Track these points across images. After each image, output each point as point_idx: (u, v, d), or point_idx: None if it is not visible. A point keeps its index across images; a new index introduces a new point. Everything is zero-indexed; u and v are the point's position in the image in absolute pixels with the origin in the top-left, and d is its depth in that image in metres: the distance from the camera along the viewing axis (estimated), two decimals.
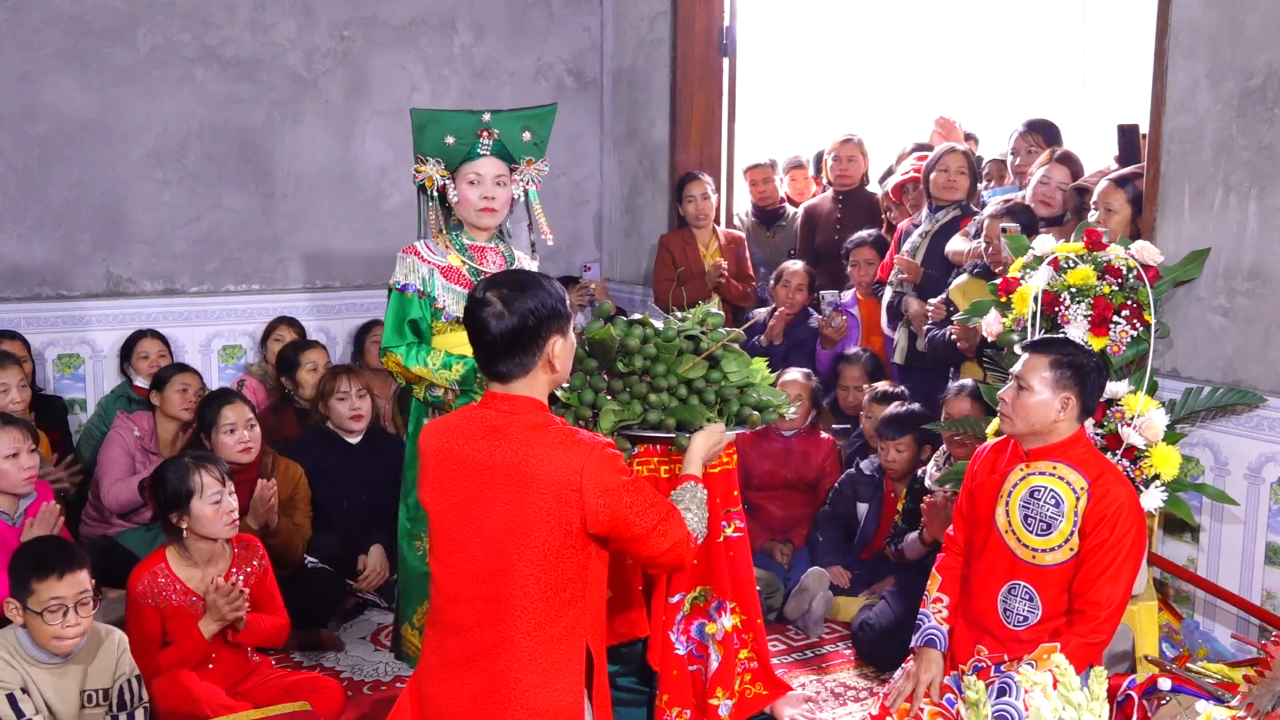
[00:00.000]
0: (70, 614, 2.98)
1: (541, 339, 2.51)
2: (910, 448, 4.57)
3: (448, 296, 3.65)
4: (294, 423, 5.05)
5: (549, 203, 6.56)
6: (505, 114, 3.72)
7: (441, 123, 3.63)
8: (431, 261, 3.65)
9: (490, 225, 3.74)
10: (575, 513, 2.44)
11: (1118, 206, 4.03)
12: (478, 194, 3.66)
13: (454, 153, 3.64)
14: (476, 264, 3.70)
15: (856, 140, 5.91)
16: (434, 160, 3.65)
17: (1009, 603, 3.15)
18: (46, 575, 2.97)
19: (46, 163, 5.40)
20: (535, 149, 3.78)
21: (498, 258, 3.76)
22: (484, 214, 3.69)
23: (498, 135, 3.68)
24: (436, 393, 3.60)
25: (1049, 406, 3.08)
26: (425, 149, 3.64)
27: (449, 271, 3.67)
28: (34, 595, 2.97)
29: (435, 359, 3.57)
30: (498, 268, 3.71)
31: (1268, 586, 3.72)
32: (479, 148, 3.65)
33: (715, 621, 3.42)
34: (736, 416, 3.24)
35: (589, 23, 6.60)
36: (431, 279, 3.64)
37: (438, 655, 2.57)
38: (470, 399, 3.56)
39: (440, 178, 3.65)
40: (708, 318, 3.38)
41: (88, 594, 3.02)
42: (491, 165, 3.67)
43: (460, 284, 3.66)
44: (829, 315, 5.41)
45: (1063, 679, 2.18)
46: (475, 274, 3.66)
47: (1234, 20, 3.67)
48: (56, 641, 3.00)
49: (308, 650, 4.24)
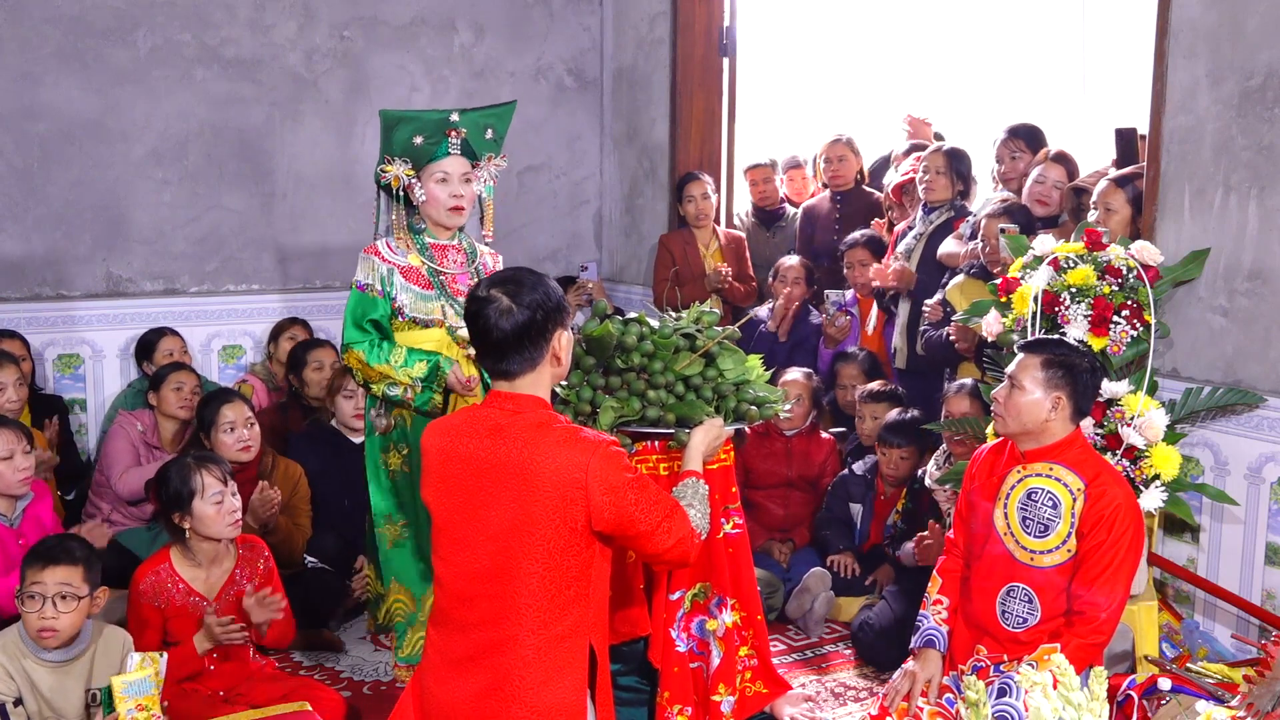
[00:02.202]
0: (47, 605, 2.99)
1: (549, 332, 2.53)
2: (913, 456, 4.56)
3: (405, 296, 3.69)
4: (300, 421, 5.04)
5: (549, 202, 6.65)
6: (471, 113, 3.76)
7: (411, 123, 3.66)
8: (392, 261, 3.70)
9: (458, 223, 3.78)
10: (580, 511, 2.44)
11: (1117, 206, 4.03)
12: (447, 192, 3.69)
13: (422, 152, 3.67)
14: (436, 264, 3.74)
15: (846, 140, 5.91)
16: (400, 160, 3.67)
17: (1007, 604, 3.16)
18: (34, 563, 3.04)
19: (46, 163, 5.39)
20: (494, 145, 3.83)
21: (459, 255, 3.80)
22: (453, 213, 3.73)
23: (465, 134, 3.71)
24: (396, 391, 3.64)
25: (1040, 406, 3.09)
26: (394, 149, 3.68)
27: (408, 271, 3.70)
28: (23, 581, 3.04)
29: (398, 356, 3.61)
30: (458, 266, 3.77)
31: (1268, 586, 3.72)
32: (447, 147, 3.68)
33: (716, 618, 3.43)
34: (734, 412, 3.26)
35: (589, 23, 6.60)
36: (391, 278, 3.68)
37: (441, 653, 2.57)
38: (430, 396, 3.60)
39: (406, 177, 3.68)
40: (703, 316, 3.40)
41: (71, 590, 3.02)
42: (458, 164, 3.70)
43: (419, 284, 3.70)
44: (833, 315, 5.42)
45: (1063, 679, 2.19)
46: (434, 274, 3.72)
47: (1234, 20, 3.67)
48: (35, 633, 3.01)
49: (308, 650, 4.24)
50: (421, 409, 3.66)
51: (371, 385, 3.67)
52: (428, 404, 3.64)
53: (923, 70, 7.68)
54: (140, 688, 2.86)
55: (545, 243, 6.63)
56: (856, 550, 4.69)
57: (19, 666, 3.05)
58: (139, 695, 2.85)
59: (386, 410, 3.75)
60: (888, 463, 4.60)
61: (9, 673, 3.03)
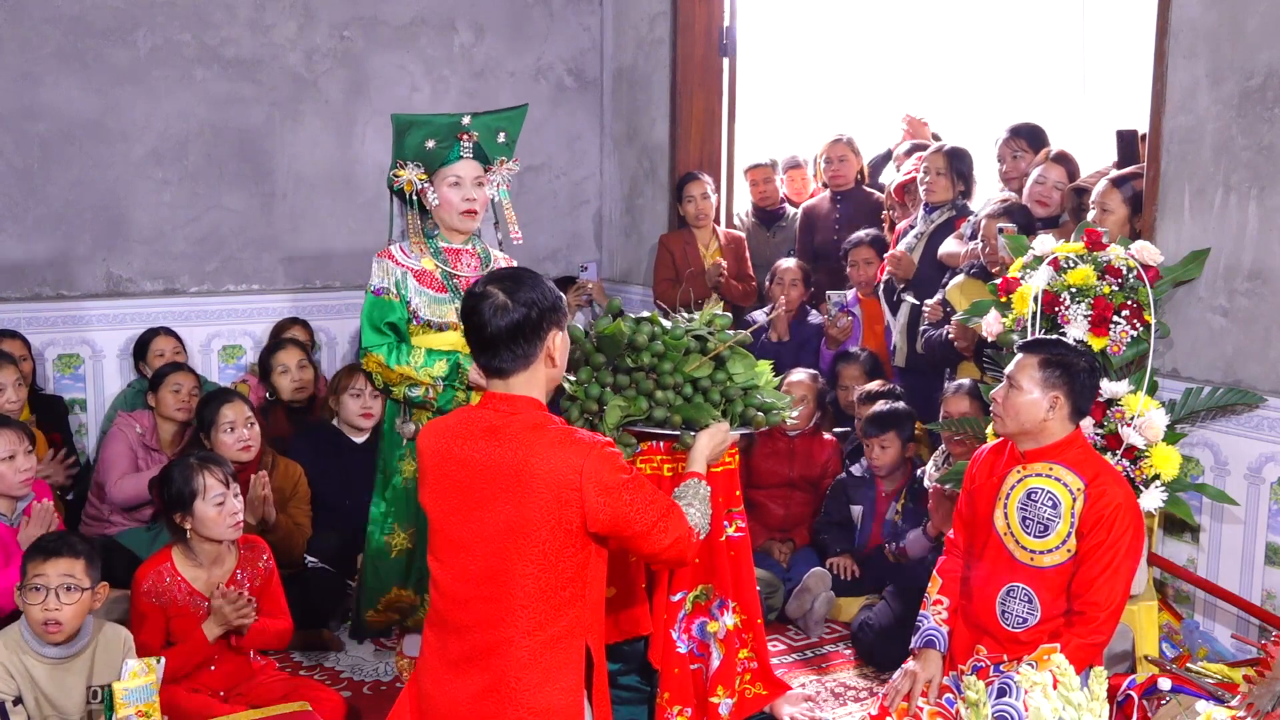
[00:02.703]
0: (51, 597, 3.01)
1: (544, 331, 2.53)
2: (894, 444, 4.58)
3: (419, 300, 3.68)
4: (285, 423, 5.03)
5: (549, 202, 6.64)
6: (483, 117, 3.76)
7: (423, 127, 3.66)
8: (405, 265, 3.69)
9: (471, 227, 3.78)
10: (575, 512, 2.44)
11: (1114, 206, 4.03)
12: (460, 196, 3.69)
13: (434, 156, 3.67)
14: (450, 268, 3.74)
15: (846, 140, 5.91)
16: (413, 164, 3.67)
17: (1007, 604, 3.16)
18: (35, 556, 3.06)
19: (46, 163, 5.39)
20: (507, 149, 3.84)
21: (472, 259, 3.79)
22: (466, 216, 3.72)
23: (476, 138, 3.71)
24: (417, 392, 3.62)
25: (1038, 406, 3.09)
26: (405, 153, 3.67)
27: (422, 275, 3.70)
28: (24, 575, 3.05)
29: (418, 357, 3.60)
30: (472, 269, 3.76)
31: (1268, 586, 3.72)
32: (459, 151, 3.68)
33: (717, 620, 3.43)
34: (741, 417, 3.26)
35: (589, 23, 6.60)
36: (405, 282, 3.67)
37: (438, 655, 2.57)
38: (452, 394, 3.59)
39: (419, 181, 3.68)
40: (715, 319, 3.39)
41: (74, 581, 3.04)
42: (471, 168, 3.70)
43: (433, 288, 3.70)
44: (835, 316, 5.42)
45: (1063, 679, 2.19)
46: (448, 278, 3.71)
47: (1234, 20, 3.67)
48: (42, 627, 3.02)
49: (308, 650, 4.24)
50: (445, 409, 3.61)
51: (392, 388, 3.65)
52: (451, 403, 3.61)
53: (922, 70, 7.68)
54: (141, 695, 2.89)
55: (545, 243, 6.63)
56: (857, 552, 4.69)
57: (19, 664, 3.05)
58: (139, 702, 2.88)
59: (411, 416, 3.73)
60: (869, 452, 4.61)
61: (9, 671, 3.04)
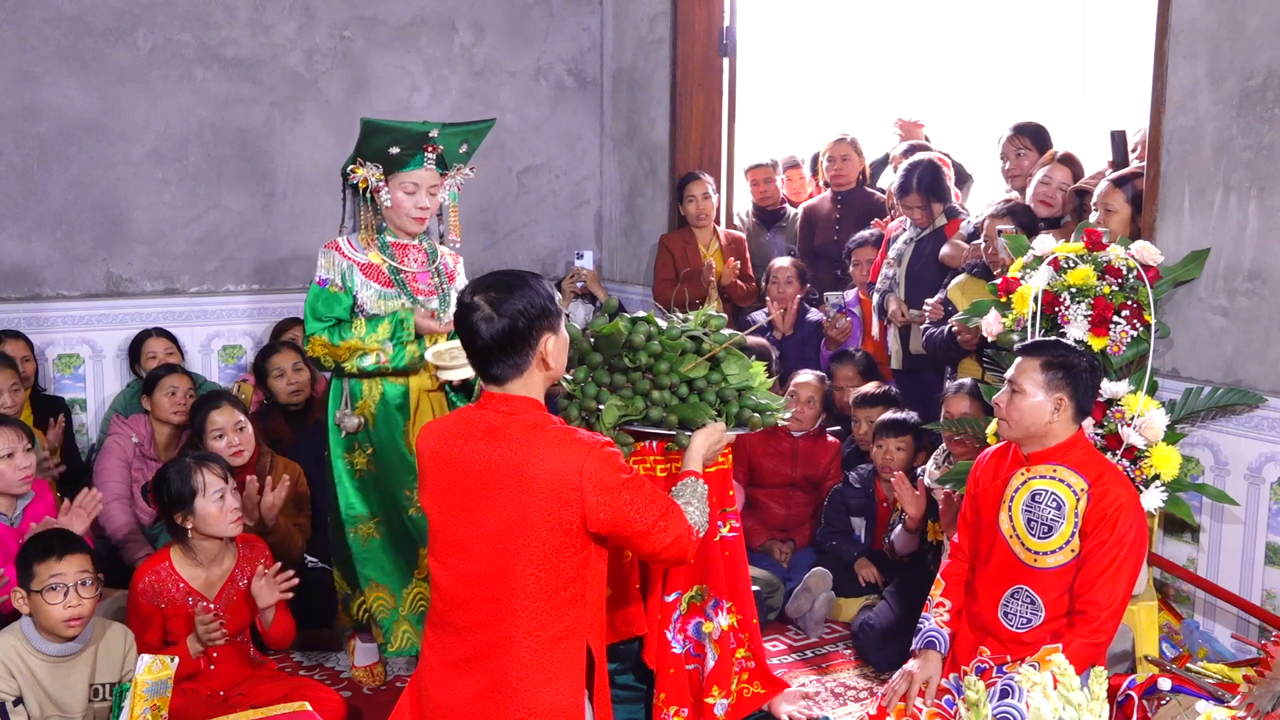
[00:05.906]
0: (71, 593, 3.02)
1: (533, 339, 2.52)
2: (909, 447, 4.57)
3: (366, 294, 3.76)
4: (282, 424, 5.02)
5: (549, 202, 6.64)
6: (451, 129, 3.81)
7: (389, 134, 3.70)
8: (352, 258, 3.78)
9: (418, 231, 3.87)
10: (575, 512, 2.44)
11: (1117, 207, 4.03)
12: (413, 203, 3.78)
13: (395, 161, 3.72)
14: (396, 262, 3.82)
15: (850, 140, 5.91)
16: (372, 164, 3.72)
17: (1011, 605, 3.16)
18: (46, 557, 3.04)
19: (46, 163, 5.39)
20: (466, 158, 3.93)
21: (419, 254, 3.88)
22: (415, 222, 3.82)
23: (441, 150, 3.77)
24: (369, 360, 3.71)
25: (1042, 408, 3.09)
26: (366, 154, 3.72)
27: (368, 269, 3.78)
28: (35, 578, 3.03)
29: (359, 328, 3.70)
30: (419, 265, 3.86)
31: (1268, 586, 3.72)
32: (422, 160, 3.74)
33: (712, 620, 3.43)
34: (737, 418, 3.26)
35: (589, 23, 6.60)
36: (351, 275, 3.76)
37: (438, 656, 2.57)
38: (403, 350, 3.68)
39: (375, 180, 3.74)
40: (710, 320, 3.40)
41: (89, 575, 3.06)
42: (428, 176, 3.78)
43: (378, 281, 3.78)
44: (834, 317, 5.42)
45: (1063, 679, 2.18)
46: (394, 272, 3.80)
47: (1234, 20, 3.67)
48: (61, 624, 3.02)
49: (308, 650, 4.24)
50: (400, 367, 3.72)
51: (344, 365, 3.73)
52: (404, 358, 3.70)
53: (922, 70, 7.69)
54: (159, 689, 2.93)
55: (545, 243, 6.63)
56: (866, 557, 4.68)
57: (21, 663, 3.05)
58: (155, 696, 2.91)
59: (353, 408, 3.79)
60: (883, 454, 4.59)
61: (10, 670, 3.03)
